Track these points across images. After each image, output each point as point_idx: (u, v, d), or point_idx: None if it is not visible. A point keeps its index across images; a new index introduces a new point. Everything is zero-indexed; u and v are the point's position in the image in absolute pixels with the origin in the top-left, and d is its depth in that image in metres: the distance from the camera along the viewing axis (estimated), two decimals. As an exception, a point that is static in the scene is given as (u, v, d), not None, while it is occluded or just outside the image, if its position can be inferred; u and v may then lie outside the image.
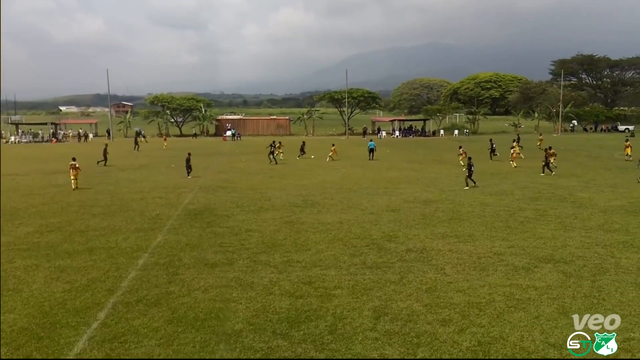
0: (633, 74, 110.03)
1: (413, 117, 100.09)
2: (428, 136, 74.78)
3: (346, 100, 77.61)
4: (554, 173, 30.09)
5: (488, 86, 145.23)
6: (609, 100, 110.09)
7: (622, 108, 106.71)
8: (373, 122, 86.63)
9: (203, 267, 12.93)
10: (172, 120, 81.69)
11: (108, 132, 72.80)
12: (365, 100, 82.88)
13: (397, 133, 74.56)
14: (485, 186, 25.88)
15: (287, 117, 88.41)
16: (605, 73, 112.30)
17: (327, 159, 39.65)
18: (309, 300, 10.62)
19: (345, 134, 74.99)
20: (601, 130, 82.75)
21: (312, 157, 41.53)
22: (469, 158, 27.12)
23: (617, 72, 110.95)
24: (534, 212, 19.46)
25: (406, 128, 78.70)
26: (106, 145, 39.93)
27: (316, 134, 77.45)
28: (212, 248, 14.63)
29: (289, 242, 15.22)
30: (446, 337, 8.94)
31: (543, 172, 30.09)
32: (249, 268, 12.82)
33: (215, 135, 77.45)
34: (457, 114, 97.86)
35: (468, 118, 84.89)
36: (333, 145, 42.48)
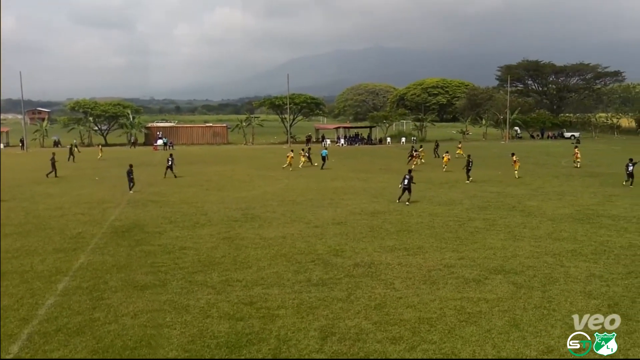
0: (577, 80, 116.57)
1: (359, 124, 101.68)
2: (374, 144, 76.06)
3: (288, 106, 77.85)
4: (471, 179, 31.99)
5: (435, 92, 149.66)
6: (554, 107, 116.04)
7: (567, 115, 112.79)
8: (317, 130, 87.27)
9: (132, 290, 12.53)
10: (96, 128, 79.03)
11: (22, 141, 69.44)
12: (308, 106, 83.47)
13: (342, 141, 75.40)
14: (434, 196, 26.58)
15: (224, 125, 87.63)
16: (551, 79, 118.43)
17: (301, 165, 41.70)
18: (251, 322, 10.50)
19: (287, 142, 75.06)
20: (547, 137, 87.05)
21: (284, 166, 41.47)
22: (469, 155, 29.76)
23: (562, 78, 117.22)
24: (484, 221, 20.15)
25: (352, 136, 79.74)
26: (53, 154, 38.45)
27: (256, 143, 77.15)
28: (142, 269, 14.21)
29: (228, 260, 15.02)
30: (397, 356, 9.06)
31: (468, 180, 31.92)
32: (183, 289, 12.53)
33: (145, 144, 75.59)
34: (404, 121, 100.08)
35: (415, 125, 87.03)
36: (291, 151, 42.92)
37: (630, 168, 30.33)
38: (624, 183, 30.48)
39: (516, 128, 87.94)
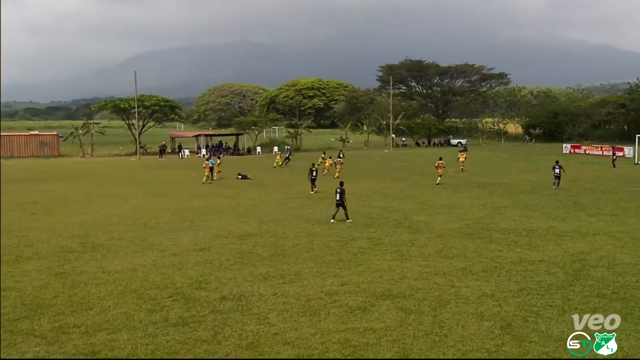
0: (462, 82, 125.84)
1: (223, 131, 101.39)
2: (242, 154, 76.07)
3: (136, 110, 75.43)
4: (315, 189, 34.55)
5: (311, 94, 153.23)
6: (440, 111, 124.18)
7: (453, 120, 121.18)
8: (172, 138, 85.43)
9: None
10: None
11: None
12: (162, 110, 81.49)
13: (203, 151, 74.51)
14: (312, 213, 27.12)
15: (54, 133, 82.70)
16: (435, 81, 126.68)
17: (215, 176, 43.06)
18: (93, 377, 9.95)
19: (136, 153, 72.55)
20: (434, 144, 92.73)
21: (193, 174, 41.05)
22: (312, 164, 32.81)
23: (447, 80, 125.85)
24: (368, 240, 20.91)
25: (215, 145, 79.12)
26: None
27: (96, 154, 73.68)
28: (-56, 319, 12.92)
29: (62, 301, 14.16)
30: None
31: (312, 191, 34.45)
32: (3, 342, 11.60)
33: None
34: (277, 127, 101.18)
35: (289, 132, 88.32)
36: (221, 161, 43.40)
37: (557, 170, 35.83)
38: (553, 187, 35.47)
39: (397, 137, 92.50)
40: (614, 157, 53.02)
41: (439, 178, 38.52)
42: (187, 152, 73.69)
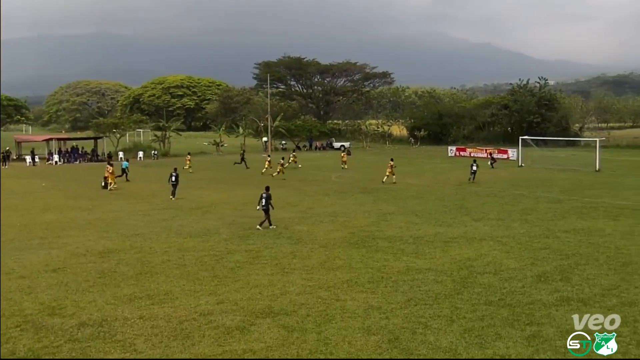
0: (345, 81, 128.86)
1: (79, 134, 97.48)
2: (102, 161, 73.39)
3: (-27, 110, 70.78)
4: (178, 198, 35.12)
5: (180, 93, 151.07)
6: (321, 112, 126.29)
7: (336, 121, 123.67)
8: (18, 143, 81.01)
9: None
10: None
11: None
12: (4, 110, 77.14)
13: (56, 158, 71.26)
14: (183, 225, 26.68)
15: None
16: (316, 80, 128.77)
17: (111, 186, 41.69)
18: None
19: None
20: (316, 148, 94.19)
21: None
22: (175, 168, 34.81)
23: (328, 79, 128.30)
24: (246, 254, 20.84)
25: (70, 150, 76.06)
26: None
27: None
28: None
29: None
30: None
31: (173, 197, 35.37)
32: None
33: None
34: (141, 130, 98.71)
35: (156, 135, 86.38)
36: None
37: (474, 168, 44.44)
38: (468, 181, 43.63)
39: (277, 140, 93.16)
40: (493, 161, 57.03)
41: (386, 177, 43.67)
42: (36, 158, 69.91)
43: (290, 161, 58.04)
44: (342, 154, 59.72)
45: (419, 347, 12.19)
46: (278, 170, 49.15)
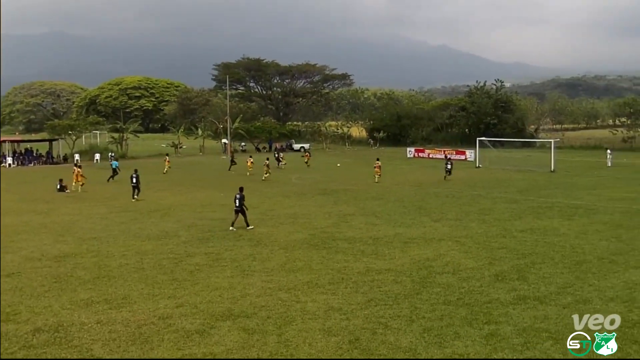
0: (304, 83, 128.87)
1: (33, 136, 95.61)
2: (58, 163, 72.21)
3: None
4: (138, 199, 35.27)
5: (137, 94, 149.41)
6: (281, 114, 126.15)
7: (295, 123, 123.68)
8: (-32, 145, 79.12)
9: None
10: None
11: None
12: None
13: (9, 160, 69.80)
14: (142, 228, 26.37)
15: None
16: (275, 81, 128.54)
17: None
18: None
19: None
20: (275, 149, 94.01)
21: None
22: (135, 170, 35.72)
23: (287, 81, 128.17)
24: (206, 256, 20.70)
25: (24, 152, 74.61)
26: None
27: None
28: None
29: None
30: None
31: (134, 198, 35.61)
32: None
33: None
34: (98, 132, 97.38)
35: (113, 137, 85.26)
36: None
37: (449, 166, 46.96)
38: (444, 179, 45.93)
39: (236, 142, 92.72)
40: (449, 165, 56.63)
41: (377, 177, 45.19)
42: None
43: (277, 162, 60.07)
44: (305, 154, 61.72)
45: (379, 347, 12.26)
46: (265, 171, 49.20)
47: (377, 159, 47.28)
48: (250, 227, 25.81)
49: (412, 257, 20.20)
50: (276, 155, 63.59)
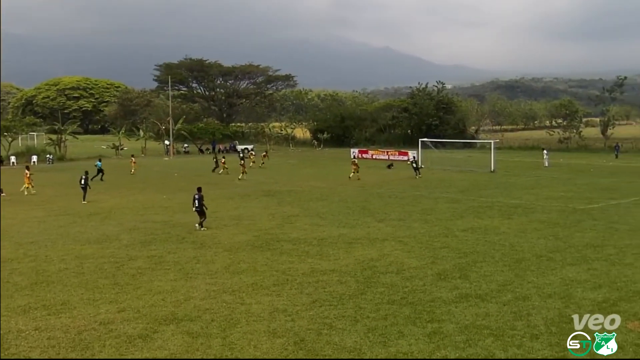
0: (248, 84, 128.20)
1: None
2: (-8, 166, 70.04)
3: None
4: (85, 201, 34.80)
5: (76, 95, 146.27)
6: (224, 115, 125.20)
7: (239, 124, 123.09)
8: None
9: None
10: None
11: None
12: None
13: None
14: (82, 232, 25.82)
15: None
16: (219, 82, 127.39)
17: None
18: None
19: None
20: (219, 150, 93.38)
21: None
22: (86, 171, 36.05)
23: (231, 82, 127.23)
24: (148, 260, 20.40)
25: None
26: None
27: None
28: None
29: None
30: None
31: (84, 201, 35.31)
32: None
33: None
34: (35, 133, 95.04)
35: (51, 139, 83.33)
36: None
37: (415, 165, 49.93)
38: (415, 177, 48.22)
39: (179, 143, 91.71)
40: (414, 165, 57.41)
41: (352, 174, 47.26)
42: None
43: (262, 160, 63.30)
44: (251, 156, 64.42)
45: (324, 347, 12.31)
46: (242, 171, 50.20)
47: (354, 157, 51.67)
48: (203, 228, 25.69)
49: (356, 258, 20.34)
50: (221, 157, 63.68)
